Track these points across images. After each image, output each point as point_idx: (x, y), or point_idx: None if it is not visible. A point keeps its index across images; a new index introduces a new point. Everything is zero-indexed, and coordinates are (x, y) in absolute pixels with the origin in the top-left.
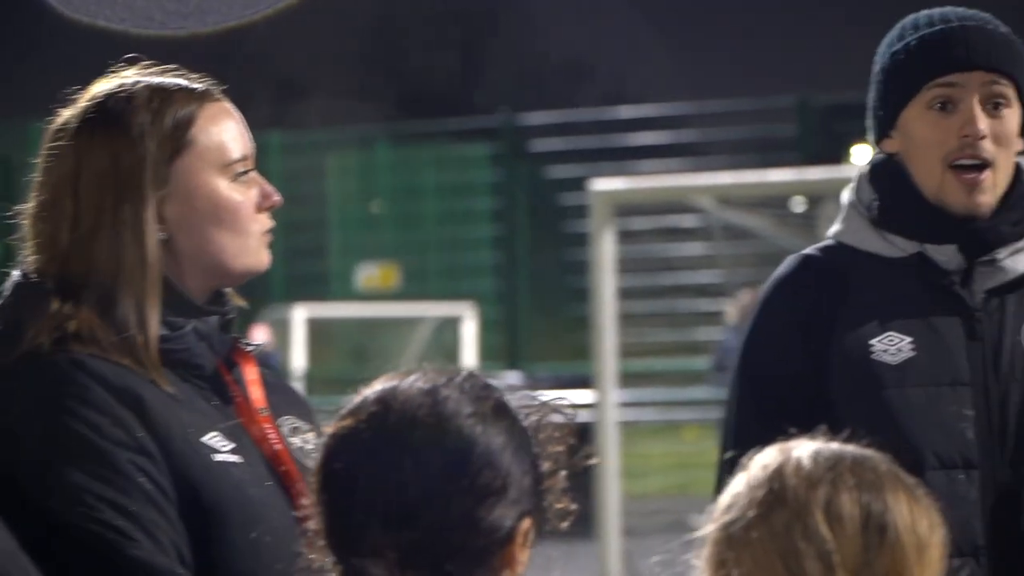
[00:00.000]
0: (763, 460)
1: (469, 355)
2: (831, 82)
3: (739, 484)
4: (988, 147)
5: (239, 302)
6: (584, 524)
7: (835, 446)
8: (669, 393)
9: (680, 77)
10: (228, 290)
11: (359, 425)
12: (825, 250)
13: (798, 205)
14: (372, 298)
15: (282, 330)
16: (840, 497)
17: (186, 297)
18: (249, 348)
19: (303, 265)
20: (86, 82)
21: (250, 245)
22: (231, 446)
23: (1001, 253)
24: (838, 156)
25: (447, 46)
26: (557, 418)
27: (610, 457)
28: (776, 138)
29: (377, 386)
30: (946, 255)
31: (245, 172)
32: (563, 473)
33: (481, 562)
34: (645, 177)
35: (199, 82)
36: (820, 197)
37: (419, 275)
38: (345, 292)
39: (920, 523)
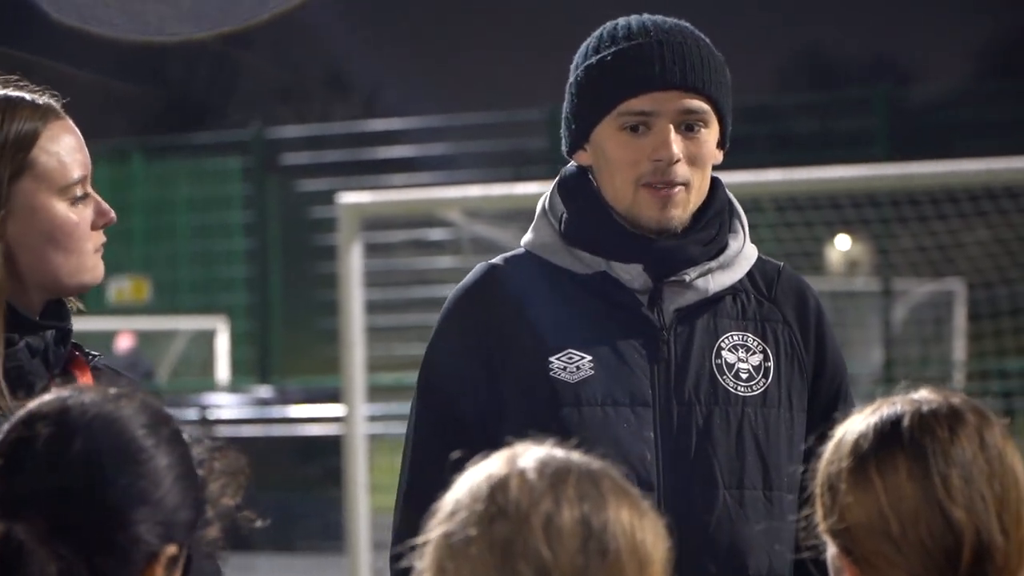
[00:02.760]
0: (489, 468)
1: (222, 368)
2: None
3: (463, 490)
4: (681, 170)
5: (79, 311)
6: (334, 538)
7: (562, 456)
8: None
9: (434, 91)
10: (68, 301)
11: (43, 408)
12: (512, 260)
13: None
14: (124, 312)
15: None
16: (561, 513)
17: (20, 312)
18: (91, 359)
19: None
20: None
21: (85, 264)
22: None
23: (691, 273)
24: None
25: (203, 59)
26: (233, 467)
27: (359, 471)
28: (528, 151)
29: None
30: (631, 274)
31: (84, 196)
32: (220, 523)
33: (122, 565)
34: (394, 190)
35: (42, 97)
36: None
37: (171, 288)
38: (97, 306)
39: (644, 538)
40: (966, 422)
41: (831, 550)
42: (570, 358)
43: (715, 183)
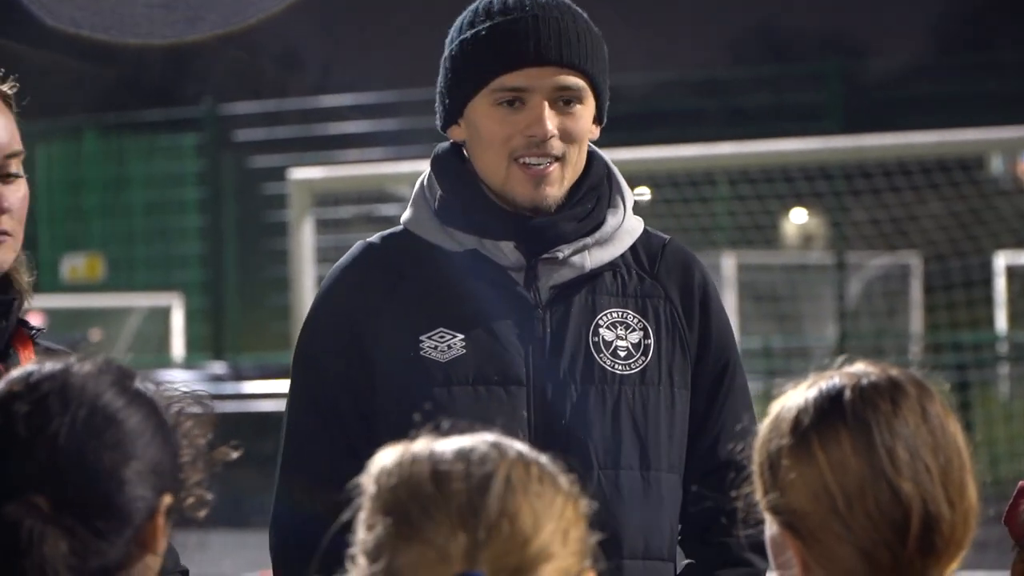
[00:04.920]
0: (384, 458)
1: (177, 345)
2: None
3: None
4: (556, 145)
5: (24, 285)
6: None
7: (493, 439)
8: None
9: (386, 66)
10: (15, 276)
11: (12, 388)
12: (389, 238)
13: None
14: (78, 289)
15: None
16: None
17: None
18: (32, 332)
19: None
20: None
21: None
22: None
23: (565, 250)
24: None
25: None
26: (199, 411)
27: None
28: None
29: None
30: (503, 251)
31: None
32: (201, 464)
33: (126, 523)
34: (346, 166)
35: None
36: None
37: (126, 265)
38: (51, 284)
39: (567, 530)
40: (907, 394)
41: (772, 529)
42: (441, 337)
43: (591, 157)
